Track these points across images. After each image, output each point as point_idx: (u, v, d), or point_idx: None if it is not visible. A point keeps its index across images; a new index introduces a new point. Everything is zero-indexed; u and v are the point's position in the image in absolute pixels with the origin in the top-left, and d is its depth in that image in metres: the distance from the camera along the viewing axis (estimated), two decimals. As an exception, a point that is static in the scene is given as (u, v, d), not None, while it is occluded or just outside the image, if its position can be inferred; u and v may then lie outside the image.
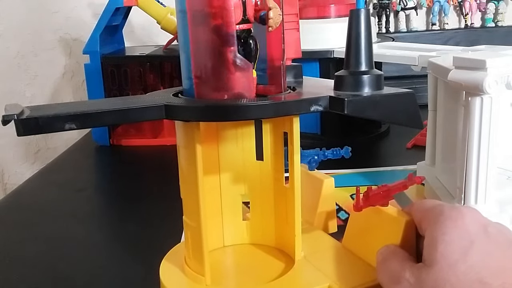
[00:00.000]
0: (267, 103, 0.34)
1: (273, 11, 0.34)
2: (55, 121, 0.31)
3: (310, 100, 0.34)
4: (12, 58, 1.10)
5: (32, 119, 0.30)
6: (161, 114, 0.34)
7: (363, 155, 0.73)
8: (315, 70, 0.78)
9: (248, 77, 0.35)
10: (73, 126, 0.31)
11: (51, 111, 0.32)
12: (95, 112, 0.32)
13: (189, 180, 0.38)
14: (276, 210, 0.43)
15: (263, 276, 0.39)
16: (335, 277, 0.38)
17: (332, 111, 0.34)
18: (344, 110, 0.33)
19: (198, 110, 0.34)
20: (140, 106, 0.34)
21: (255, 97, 0.36)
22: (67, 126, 0.31)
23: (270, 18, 0.34)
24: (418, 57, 0.61)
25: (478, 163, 0.45)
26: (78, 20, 1.08)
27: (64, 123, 0.31)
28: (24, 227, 0.57)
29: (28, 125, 0.30)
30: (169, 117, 0.34)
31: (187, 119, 0.35)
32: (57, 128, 0.31)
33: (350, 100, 0.34)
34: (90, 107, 0.33)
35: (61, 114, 0.31)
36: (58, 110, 0.32)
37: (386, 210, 0.39)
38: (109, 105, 0.34)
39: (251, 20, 0.35)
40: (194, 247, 0.39)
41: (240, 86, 0.35)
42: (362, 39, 0.37)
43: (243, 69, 0.35)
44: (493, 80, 0.42)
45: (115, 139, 0.87)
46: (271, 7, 0.34)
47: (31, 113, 0.31)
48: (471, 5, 1.11)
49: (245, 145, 0.43)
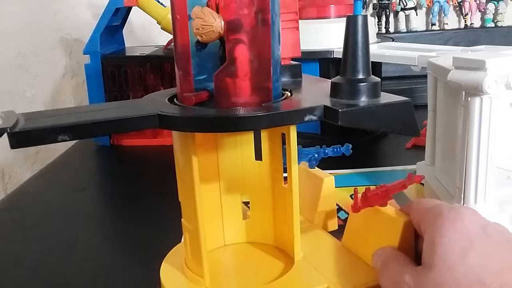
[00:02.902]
0: (260, 114, 0.33)
1: (193, 22, 0.33)
2: (47, 133, 0.31)
3: (305, 110, 0.34)
4: (13, 58, 1.10)
5: (25, 132, 0.30)
6: (154, 124, 0.34)
7: (363, 155, 0.73)
8: (314, 70, 0.78)
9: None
10: (66, 138, 0.31)
11: (43, 122, 0.32)
12: (89, 123, 0.32)
13: (186, 184, 0.38)
14: (275, 210, 0.43)
15: (263, 277, 0.40)
16: (334, 278, 0.38)
17: (326, 120, 0.34)
18: (338, 121, 0.33)
19: (191, 120, 0.33)
20: (133, 116, 0.33)
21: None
22: (60, 138, 0.31)
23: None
24: (418, 57, 0.61)
25: (477, 162, 0.45)
26: (78, 20, 1.08)
27: (57, 135, 0.31)
28: (24, 227, 0.58)
29: (20, 138, 0.30)
30: (163, 127, 0.34)
31: (180, 129, 0.35)
32: (49, 141, 0.31)
33: (344, 111, 0.33)
34: (82, 118, 0.33)
35: (54, 126, 0.31)
36: (51, 121, 0.32)
37: (385, 210, 0.39)
38: (103, 115, 0.33)
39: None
40: (192, 249, 0.39)
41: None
42: (359, 46, 0.36)
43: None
44: (492, 80, 0.42)
45: (115, 139, 0.87)
46: (192, 16, 0.34)
47: (24, 125, 0.31)
48: (470, 5, 1.12)
49: (244, 148, 0.43)
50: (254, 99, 0.35)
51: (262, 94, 0.35)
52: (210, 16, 0.33)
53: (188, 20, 0.35)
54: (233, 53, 0.34)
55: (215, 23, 0.33)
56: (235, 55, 0.34)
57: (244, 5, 0.33)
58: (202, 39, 0.34)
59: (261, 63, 0.34)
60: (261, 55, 0.34)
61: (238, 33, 0.34)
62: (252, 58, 0.34)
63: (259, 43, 0.34)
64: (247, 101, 0.35)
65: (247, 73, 0.34)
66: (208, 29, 0.33)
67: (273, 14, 0.34)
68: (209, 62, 0.37)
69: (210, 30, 0.33)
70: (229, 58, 0.34)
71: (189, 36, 0.35)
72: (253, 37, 0.34)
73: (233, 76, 0.34)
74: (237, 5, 0.33)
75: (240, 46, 0.34)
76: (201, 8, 0.34)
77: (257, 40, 0.34)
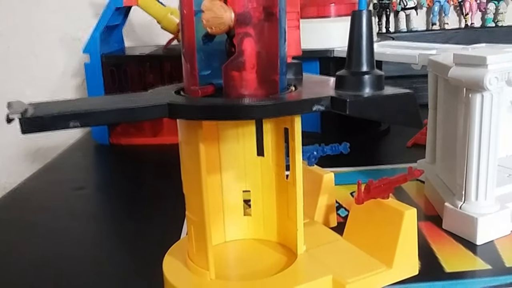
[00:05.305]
0: (269, 103, 0.34)
1: (203, 14, 0.34)
2: (59, 119, 0.31)
3: (312, 100, 0.35)
4: (12, 58, 1.10)
5: (37, 117, 0.31)
6: (164, 113, 0.34)
7: (364, 153, 0.73)
8: (315, 69, 0.78)
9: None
10: (77, 124, 0.32)
11: (54, 109, 0.32)
12: (99, 111, 0.32)
13: (192, 176, 0.38)
14: (278, 205, 0.43)
15: (267, 270, 0.40)
16: (337, 270, 0.38)
17: (334, 111, 0.35)
18: (346, 111, 0.34)
19: (201, 109, 0.34)
20: (143, 105, 0.34)
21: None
22: (71, 124, 0.31)
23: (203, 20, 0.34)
24: (418, 56, 0.61)
25: (478, 160, 0.45)
26: (78, 19, 1.08)
27: (68, 121, 0.31)
28: (24, 226, 0.57)
29: (32, 123, 0.31)
30: (172, 116, 0.34)
31: (190, 118, 0.35)
32: (60, 127, 0.31)
33: (352, 101, 0.34)
34: (93, 106, 0.33)
35: (65, 113, 0.31)
36: (61, 109, 0.32)
37: (387, 202, 0.40)
38: (113, 104, 0.34)
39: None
40: (197, 242, 0.39)
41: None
42: (364, 40, 0.37)
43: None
44: (493, 77, 0.42)
45: (114, 138, 0.86)
46: (202, 9, 0.34)
47: (35, 111, 0.32)
48: (471, 5, 1.11)
49: (246, 142, 0.43)
50: (261, 91, 0.36)
51: (270, 87, 0.36)
52: (220, 8, 0.34)
53: (194, 15, 0.35)
54: (241, 46, 0.35)
55: (225, 16, 0.34)
56: (243, 47, 0.35)
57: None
58: (211, 31, 0.35)
59: (269, 56, 0.35)
60: (269, 48, 0.35)
61: (246, 26, 0.34)
62: (260, 51, 0.35)
63: (266, 37, 0.35)
64: (255, 93, 0.35)
65: (254, 65, 0.35)
66: (218, 21, 0.34)
67: (280, 8, 0.35)
68: (214, 58, 0.37)
69: (221, 22, 0.34)
70: (237, 50, 0.35)
71: (194, 30, 0.36)
72: (261, 30, 0.35)
73: (241, 68, 0.35)
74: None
75: (248, 39, 0.35)
76: (211, 0, 0.34)
77: (265, 33, 0.35)
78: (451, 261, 0.43)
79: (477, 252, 0.44)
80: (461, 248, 0.45)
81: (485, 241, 0.45)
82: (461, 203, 0.46)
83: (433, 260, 0.43)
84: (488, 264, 0.42)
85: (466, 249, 0.45)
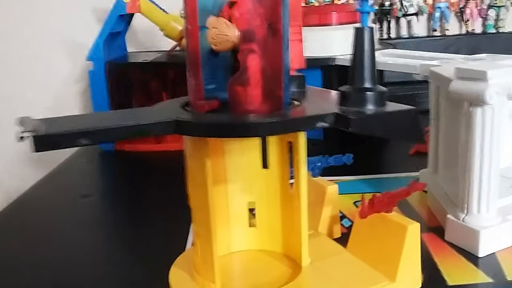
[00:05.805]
0: (275, 120, 0.34)
1: (208, 31, 0.35)
2: (69, 138, 0.32)
3: (316, 117, 0.35)
4: (13, 61, 1.11)
5: (48, 136, 0.32)
6: (171, 129, 0.35)
7: (366, 161, 0.73)
8: (317, 77, 0.79)
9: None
10: (86, 142, 0.32)
11: (64, 126, 0.33)
12: (108, 128, 0.33)
13: (198, 190, 0.38)
14: (283, 217, 0.44)
15: (272, 282, 0.40)
16: (342, 283, 0.39)
17: (337, 127, 0.35)
18: (348, 128, 0.34)
19: (208, 126, 0.35)
20: (151, 121, 0.35)
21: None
22: (82, 142, 0.32)
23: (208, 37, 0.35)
24: (420, 66, 0.62)
25: (480, 172, 0.45)
26: (80, 24, 1.08)
27: (78, 139, 0.32)
28: (29, 232, 0.58)
29: (44, 142, 0.31)
30: (179, 133, 0.35)
31: (197, 135, 0.36)
32: (71, 145, 0.32)
33: (355, 118, 0.34)
34: (102, 123, 0.34)
35: (75, 131, 0.32)
36: (70, 126, 0.33)
37: (391, 216, 0.40)
38: (120, 120, 0.35)
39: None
40: (203, 254, 0.40)
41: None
42: (366, 57, 0.38)
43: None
44: (494, 91, 0.43)
45: (119, 145, 0.87)
46: (207, 27, 0.35)
47: (47, 130, 0.32)
48: (472, 11, 1.12)
49: (250, 155, 0.44)
50: (266, 107, 0.36)
51: (274, 102, 0.36)
52: (225, 26, 0.35)
53: (198, 31, 0.36)
54: (246, 62, 0.35)
55: (230, 33, 0.35)
56: (247, 64, 0.35)
57: (257, 16, 0.35)
58: (216, 48, 0.36)
59: (273, 72, 0.36)
60: (273, 64, 0.36)
61: (250, 43, 0.35)
62: (264, 66, 0.35)
63: (271, 53, 0.35)
64: (260, 109, 0.36)
65: (259, 81, 0.36)
66: (223, 38, 0.35)
67: (284, 24, 0.35)
68: (219, 73, 0.38)
69: (225, 39, 0.35)
70: (242, 67, 0.35)
71: (199, 45, 0.36)
72: (265, 46, 0.35)
73: (246, 84, 0.36)
74: (250, 16, 0.35)
75: (252, 56, 0.35)
76: (217, 18, 0.35)
77: (269, 49, 0.35)
78: (453, 274, 0.43)
79: (479, 264, 0.45)
80: (463, 261, 0.45)
81: (487, 253, 0.46)
82: (463, 215, 0.47)
83: (435, 272, 0.44)
84: (489, 278, 0.43)
85: (468, 261, 0.45)
